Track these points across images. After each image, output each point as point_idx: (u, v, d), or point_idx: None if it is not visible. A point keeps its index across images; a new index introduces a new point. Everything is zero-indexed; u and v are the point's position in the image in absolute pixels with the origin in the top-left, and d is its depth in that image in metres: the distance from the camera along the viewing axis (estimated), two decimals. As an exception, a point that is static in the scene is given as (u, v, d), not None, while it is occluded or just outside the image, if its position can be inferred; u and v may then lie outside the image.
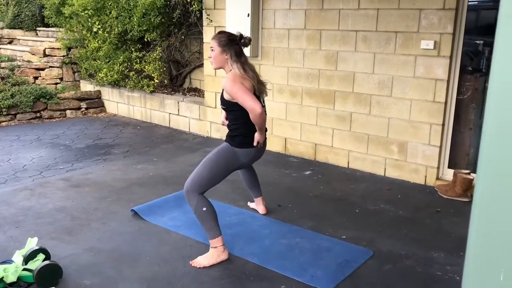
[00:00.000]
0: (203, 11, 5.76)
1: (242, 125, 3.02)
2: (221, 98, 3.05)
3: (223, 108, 3.11)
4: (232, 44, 2.99)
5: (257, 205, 3.72)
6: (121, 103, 7.36)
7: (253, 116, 2.87)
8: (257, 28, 5.26)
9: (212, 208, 2.94)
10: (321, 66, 4.87)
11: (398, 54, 4.34)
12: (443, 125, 4.24)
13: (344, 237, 3.31)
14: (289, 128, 5.27)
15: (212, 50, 3.00)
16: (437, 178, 4.34)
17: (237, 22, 5.26)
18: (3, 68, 7.44)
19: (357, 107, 4.70)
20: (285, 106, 5.22)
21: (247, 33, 5.19)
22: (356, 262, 2.95)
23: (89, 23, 7.05)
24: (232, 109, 3.00)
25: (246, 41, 3.07)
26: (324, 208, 3.86)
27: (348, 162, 4.87)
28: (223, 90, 2.99)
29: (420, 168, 4.40)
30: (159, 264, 2.93)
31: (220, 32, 3.07)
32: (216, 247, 2.93)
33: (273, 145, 5.32)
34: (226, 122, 3.17)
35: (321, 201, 4.00)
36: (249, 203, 3.85)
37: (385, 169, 4.62)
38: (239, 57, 3.00)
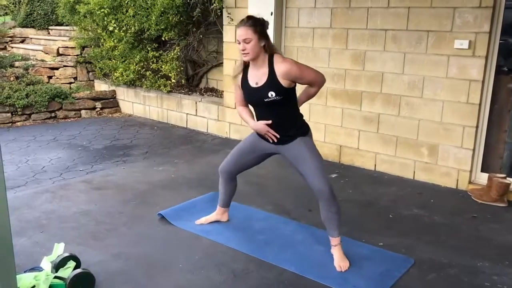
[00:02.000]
0: (224, 10, 5.64)
1: (298, 111, 2.95)
2: (274, 90, 2.72)
3: (277, 101, 2.75)
4: (265, 29, 2.80)
5: (223, 214, 3.46)
6: (136, 103, 7.26)
7: (319, 85, 2.92)
8: (280, 27, 5.14)
9: None
10: (348, 66, 4.74)
11: (429, 54, 4.20)
12: (476, 127, 4.10)
13: (382, 244, 3.18)
14: (313, 130, 5.06)
15: (247, 41, 2.70)
16: (470, 182, 4.20)
17: (260, 21, 5.13)
18: (17, 67, 7.36)
19: (385, 108, 4.56)
20: (309, 106, 5.08)
21: (270, 32, 5.07)
22: (398, 271, 2.82)
23: (105, 22, 6.94)
24: (290, 97, 2.81)
25: (267, 25, 2.86)
26: (355, 213, 3.74)
27: (375, 165, 4.74)
28: (271, 81, 2.73)
29: (451, 172, 4.26)
30: (192, 272, 2.81)
31: (248, 20, 2.75)
32: (340, 243, 2.87)
33: (296, 146, 5.19)
34: (269, 121, 2.85)
35: (351, 206, 3.87)
36: (201, 221, 3.44)
37: (414, 172, 4.49)
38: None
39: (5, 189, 2.30)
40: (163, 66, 6.56)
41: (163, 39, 6.55)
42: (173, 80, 6.56)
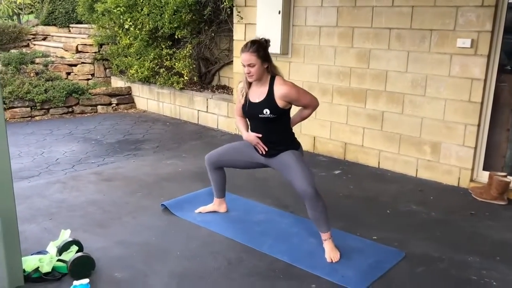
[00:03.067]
0: (234, 8, 5.76)
1: (289, 129, 3.12)
2: (269, 108, 2.92)
3: (270, 118, 2.95)
4: (267, 51, 2.96)
5: (220, 205, 3.60)
6: (151, 100, 7.45)
7: (313, 108, 3.07)
8: (287, 25, 5.23)
9: None
10: (353, 64, 4.81)
11: (432, 52, 4.23)
12: (478, 125, 4.12)
13: (375, 238, 3.26)
14: (318, 127, 5.22)
15: (252, 66, 2.87)
16: (471, 180, 4.22)
17: (268, 19, 5.24)
18: (37, 63, 7.62)
19: (389, 106, 4.62)
20: (315, 104, 5.17)
21: (277, 30, 5.19)
22: (388, 263, 2.89)
23: (121, 20, 7.14)
24: (283, 116, 2.99)
25: (269, 44, 3.03)
26: (354, 208, 3.81)
27: (379, 162, 4.79)
28: (268, 100, 2.92)
29: (453, 170, 4.29)
30: (189, 259, 2.94)
31: (252, 45, 2.89)
32: (331, 237, 2.96)
33: (302, 143, 5.24)
34: (260, 135, 3.04)
35: (351, 201, 3.95)
36: (199, 209, 3.60)
37: (417, 170, 4.53)
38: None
39: (11, 179, 2.48)
40: (176, 63, 6.72)
41: (176, 37, 6.71)
42: (185, 77, 6.71)
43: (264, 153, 3.08)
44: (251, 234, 3.27)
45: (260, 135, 3.04)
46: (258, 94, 3.00)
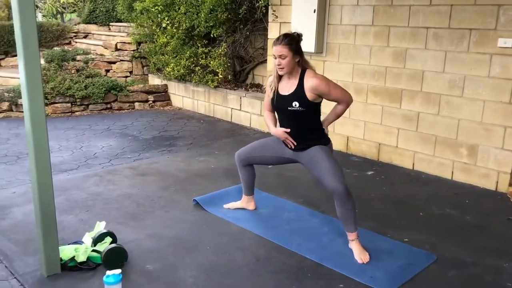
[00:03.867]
0: (269, 7, 5.78)
1: (319, 125, 3.09)
2: (298, 101, 2.93)
3: (299, 111, 2.95)
4: (300, 45, 2.97)
5: (248, 202, 3.62)
6: (186, 97, 7.57)
7: (346, 104, 3.01)
8: (323, 24, 5.21)
9: None
10: (388, 64, 4.74)
11: (471, 52, 4.12)
12: (519, 128, 3.99)
13: (406, 240, 3.21)
14: (352, 127, 5.17)
15: (283, 58, 2.89)
16: (510, 185, 4.09)
17: (303, 18, 5.23)
18: (78, 61, 7.88)
19: (425, 107, 4.53)
20: (349, 104, 5.12)
21: (312, 29, 5.18)
22: (418, 266, 2.85)
23: (159, 19, 7.28)
24: (312, 110, 2.98)
25: (302, 39, 3.02)
26: (386, 209, 3.76)
27: (413, 164, 4.71)
28: (298, 93, 2.93)
29: (491, 173, 4.17)
30: (218, 254, 2.98)
31: (285, 37, 2.92)
32: (358, 238, 2.95)
33: (335, 143, 5.18)
34: (288, 130, 3.05)
35: (382, 202, 3.90)
36: (228, 205, 3.66)
37: (452, 172, 4.42)
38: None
39: (50, 172, 2.58)
40: (211, 62, 6.80)
41: (212, 35, 6.78)
42: (220, 76, 6.78)
43: (293, 147, 3.08)
44: (280, 232, 3.28)
45: (288, 130, 3.04)
46: (288, 87, 3.00)
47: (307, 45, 5.19)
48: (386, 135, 4.90)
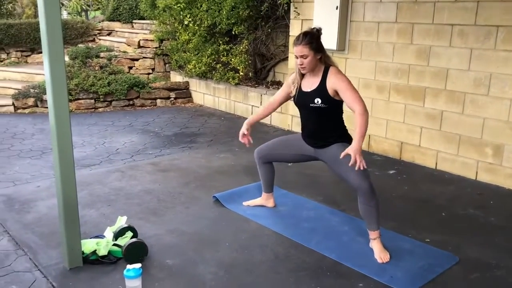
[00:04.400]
0: (291, 4, 5.75)
1: (341, 123, 3.06)
2: (320, 98, 2.90)
3: (321, 108, 2.92)
4: (320, 41, 2.93)
5: (267, 199, 3.61)
6: (207, 94, 7.60)
7: (360, 113, 2.75)
8: (345, 21, 5.16)
9: None
10: (412, 61, 4.67)
11: (498, 50, 4.03)
12: (547, 128, 3.89)
13: (428, 240, 3.16)
14: (374, 125, 5.11)
15: (305, 57, 2.86)
16: (537, 186, 3.99)
17: (325, 15, 5.19)
18: (102, 58, 7.99)
19: (449, 105, 4.44)
20: (371, 101, 5.07)
21: (335, 26, 5.13)
22: (440, 267, 2.80)
23: (181, 16, 7.33)
24: (334, 106, 2.95)
25: (321, 33, 2.97)
26: (407, 209, 3.71)
27: (436, 163, 4.63)
28: (320, 89, 2.90)
29: (517, 174, 4.07)
30: (237, 250, 2.99)
31: (304, 36, 2.87)
32: (379, 237, 2.92)
33: (356, 141, 5.19)
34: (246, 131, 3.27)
35: (404, 202, 3.85)
36: (248, 202, 3.67)
37: (476, 172, 4.34)
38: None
39: (73, 168, 2.62)
40: (232, 59, 6.81)
41: (233, 33, 6.79)
42: (241, 73, 6.79)
43: (247, 145, 3.22)
44: (300, 229, 3.27)
45: (246, 132, 3.30)
46: (310, 84, 2.98)
47: (329, 42, 5.15)
48: (408, 134, 4.83)
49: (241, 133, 3.35)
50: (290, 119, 6.09)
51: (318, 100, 2.93)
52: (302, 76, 3.05)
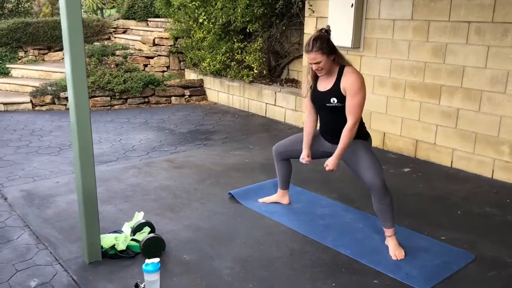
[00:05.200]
0: (306, 2, 5.75)
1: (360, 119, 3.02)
2: (336, 97, 2.90)
3: (338, 107, 2.91)
4: (331, 42, 2.90)
5: (283, 196, 3.65)
6: (221, 92, 7.64)
7: (355, 121, 2.85)
8: (360, 19, 5.15)
9: None
10: (427, 59, 4.64)
11: (516, 47, 4.00)
12: None
13: (444, 238, 3.16)
14: (389, 123, 5.10)
15: (319, 63, 2.85)
16: (554, 185, 3.96)
17: (340, 13, 5.19)
18: (117, 55, 8.08)
19: (465, 103, 4.42)
20: (386, 99, 5.06)
21: (350, 23, 5.13)
22: (456, 265, 2.80)
23: (196, 14, 7.37)
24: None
25: (330, 30, 2.95)
26: (422, 207, 3.71)
27: (452, 161, 4.61)
28: (335, 89, 2.90)
29: (534, 172, 4.04)
30: (253, 246, 3.02)
31: (315, 42, 2.83)
32: (394, 234, 2.94)
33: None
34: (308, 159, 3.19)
35: (419, 200, 3.84)
36: (263, 199, 3.71)
37: (493, 170, 4.31)
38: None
39: (93, 164, 2.68)
40: (247, 57, 6.84)
41: (248, 31, 6.82)
42: (255, 71, 6.81)
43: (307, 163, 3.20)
44: (315, 226, 3.29)
45: (308, 161, 3.20)
46: (325, 84, 2.99)
47: (344, 39, 5.16)
48: (424, 132, 4.81)
49: (304, 157, 3.22)
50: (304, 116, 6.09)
51: (334, 100, 2.94)
52: (317, 76, 3.05)
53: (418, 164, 4.74)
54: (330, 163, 2.97)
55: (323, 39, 2.85)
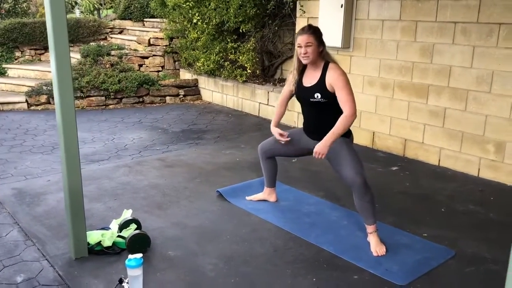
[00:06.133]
0: (297, 2, 5.81)
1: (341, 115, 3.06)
2: (320, 92, 2.98)
3: (321, 103, 3.00)
4: (322, 37, 3.04)
5: (270, 194, 3.70)
6: (215, 92, 7.70)
7: (350, 113, 2.89)
8: (350, 19, 5.20)
9: None
10: (415, 59, 4.70)
11: (500, 47, 4.05)
12: (548, 125, 3.90)
13: (426, 235, 3.21)
14: (378, 122, 5.16)
15: (309, 45, 2.95)
16: (538, 183, 4.01)
17: (330, 13, 5.25)
18: (113, 55, 8.14)
19: (452, 103, 4.48)
20: (375, 99, 5.12)
21: (339, 24, 5.18)
22: (436, 261, 2.86)
23: (190, 15, 7.43)
24: (334, 101, 2.99)
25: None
26: (407, 205, 3.77)
27: (439, 160, 4.67)
28: (319, 84, 2.97)
29: (519, 171, 4.09)
30: (238, 243, 3.08)
31: (310, 28, 3.01)
32: (376, 231, 2.99)
33: (360, 138, 5.24)
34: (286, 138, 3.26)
35: (405, 198, 3.90)
36: (251, 197, 3.75)
37: (479, 169, 4.36)
38: None
39: (79, 163, 2.73)
40: (240, 57, 6.89)
41: (241, 31, 6.87)
42: (248, 71, 6.87)
43: (283, 142, 3.27)
44: (300, 224, 3.35)
45: (286, 137, 3.27)
46: (310, 79, 3.06)
47: (334, 40, 5.22)
48: (412, 131, 4.86)
49: (278, 137, 3.32)
50: (296, 116, 6.16)
51: (318, 95, 3.01)
52: (301, 70, 3.11)
53: (406, 162, 4.80)
54: (318, 148, 2.93)
55: (317, 28, 3.04)
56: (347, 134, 3.12)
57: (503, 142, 4.16)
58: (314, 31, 2.99)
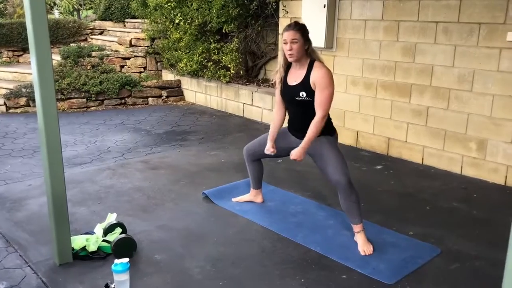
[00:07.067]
0: (280, 3, 5.81)
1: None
2: (305, 91, 2.95)
3: (307, 101, 2.97)
4: (308, 34, 3.02)
5: (256, 195, 3.70)
6: (199, 92, 7.65)
7: (323, 116, 2.92)
8: (333, 19, 5.22)
9: None
10: (398, 58, 4.74)
11: (481, 46, 4.11)
12: (528, 123, 3.97)
13: (412, 233, 3.24)
14: (362, 121, 5.19)
15: (295, 41, 2.92)
16: (519, 179, 4.08)
17: (313, 13, 5.26)
18: (94, 57, 8.02)
19: (434, 102, 4.53)
20: (359, 98, 5.15)
21: (322, 24, 5.20)
22: (422, 259, 2.88)
23: (172, 15, 7.38)
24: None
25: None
26: (393, 203, 3.79)
27: (423, 158, 4.72)
28: (305, 83, 2.96)
29: (500, 168, 4.16)
30: (224, 245, 3.05)
31: (296, 24, 2.99)
32: (363, 230, 2.99)
33: (344, 138, 5.27)
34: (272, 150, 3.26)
35: (389, 196, 3.93)
36: (237, 199, 3.75)
37: (461, 167, 4.42)
38: None
39: (62, 167, 2.67)
40: (223, 57, 6.87)
41: (224, 31, 6.85)
42: (232, 71, 6.84)
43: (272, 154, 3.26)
44: (287, 224, 3.34)
45: (273, 151, 3.26)
46: (295, 77, 3.04)
47: (317, 40, 5.22)
48: (395, 130, 4.91)
49: (269, 150, 3.29)
50: (280, 116, 6.15)
51: (303, 94, 2.99)
52: (286, 69, 3.10)
53: (390, 161, 4.84)
54: (295, 153, 3.01)
55: (304, 25, 3.02)
56: (331, 133, 3.12)
57: (484, 140, 4.22)
58: (300, 28, 2.97)
